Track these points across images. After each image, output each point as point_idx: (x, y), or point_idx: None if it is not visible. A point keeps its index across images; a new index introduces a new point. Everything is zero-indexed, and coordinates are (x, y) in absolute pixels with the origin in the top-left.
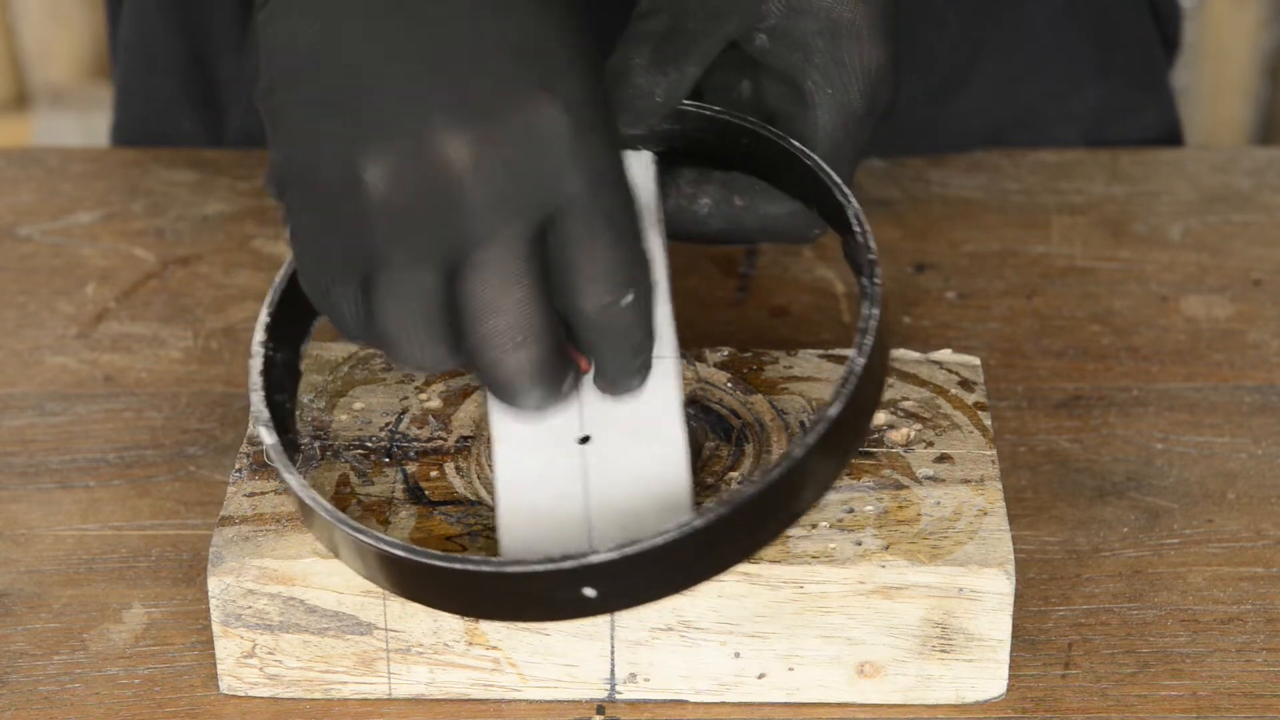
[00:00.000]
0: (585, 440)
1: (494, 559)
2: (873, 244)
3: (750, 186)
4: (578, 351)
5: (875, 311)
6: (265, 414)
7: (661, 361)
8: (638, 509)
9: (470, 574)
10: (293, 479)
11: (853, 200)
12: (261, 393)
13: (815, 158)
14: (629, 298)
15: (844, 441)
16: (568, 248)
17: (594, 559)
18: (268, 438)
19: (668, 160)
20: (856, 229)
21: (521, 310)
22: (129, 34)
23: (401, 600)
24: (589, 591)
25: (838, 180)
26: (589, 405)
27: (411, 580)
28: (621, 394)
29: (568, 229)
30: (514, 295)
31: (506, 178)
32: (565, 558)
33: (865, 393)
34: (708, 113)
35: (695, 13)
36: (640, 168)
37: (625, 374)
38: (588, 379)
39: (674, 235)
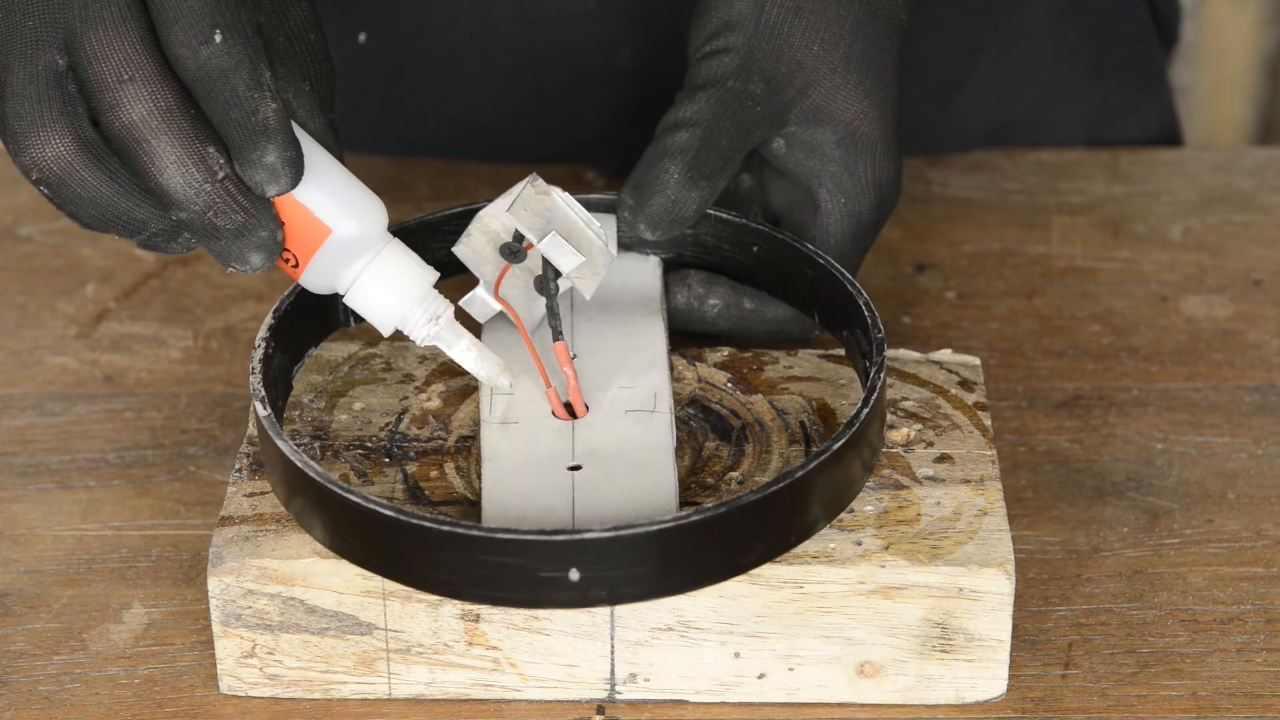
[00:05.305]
0: (576, 469)
1: (484, 525)
2: (880, 328)
3: (758, 290)
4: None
5: (882, 376)
6: (261, 392)
7: (658, 415)
8: None
9: (458, 537)
10: (284, 445)
11: (863, 292)
12: (260, 376)
13: (827, 258)
14: (218, 37)
15: (846, 472)
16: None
17: (586, 535)
18: (261, 410)
19: (675, 265)
20: (867, 314)
21: (130, 50)
22: None
23: (402, 600)
24: (574, 574)
25: (848, 275)
26: (581, 440)
27: (395, 547)
28: (259, 179)
29: None
30: (123, 41)
31: None
32: (556, 531)
33: (868, 432)
34: (723, 216)
35: (726, 130)
36: (648, 270)
37: (247, 136)
38: (581, 421)
39: (685, 332)
